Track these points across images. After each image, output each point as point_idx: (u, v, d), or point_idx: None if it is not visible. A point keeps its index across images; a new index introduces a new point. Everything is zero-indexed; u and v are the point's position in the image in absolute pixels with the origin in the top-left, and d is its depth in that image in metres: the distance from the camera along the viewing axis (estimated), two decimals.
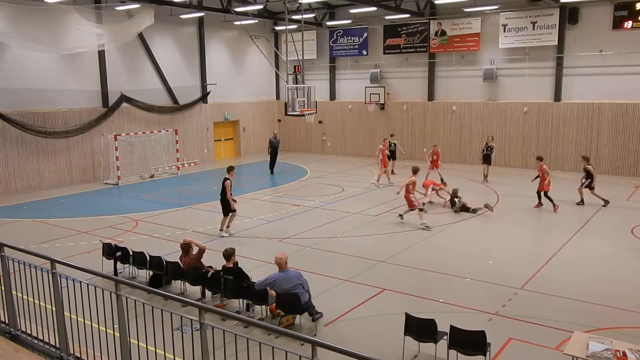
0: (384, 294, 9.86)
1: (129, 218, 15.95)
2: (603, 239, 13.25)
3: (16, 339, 6.33)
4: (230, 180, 13.77)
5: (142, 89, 24.06)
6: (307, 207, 16.96)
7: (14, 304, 6.42)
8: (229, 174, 13.90)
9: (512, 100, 23.78)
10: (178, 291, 10.04)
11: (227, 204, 13.68)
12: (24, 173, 20.28)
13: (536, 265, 11.24)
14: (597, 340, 6.39)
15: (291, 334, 4.94)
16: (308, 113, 19.92)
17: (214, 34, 27.29)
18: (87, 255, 12.17)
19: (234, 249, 9.46)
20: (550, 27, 22.05)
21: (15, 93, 19.76)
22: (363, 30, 27.31)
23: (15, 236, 13.68)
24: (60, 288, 5.87)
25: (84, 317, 6.02)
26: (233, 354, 4.86)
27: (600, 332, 7.54)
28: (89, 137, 22.05)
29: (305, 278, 8.71)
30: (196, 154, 26.79)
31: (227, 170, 14.07)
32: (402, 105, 26.86)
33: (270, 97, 31.37)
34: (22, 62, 19.81)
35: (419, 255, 12.21)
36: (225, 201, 13.67)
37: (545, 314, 8.83)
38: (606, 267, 11.28)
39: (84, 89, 22.00)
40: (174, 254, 10.87)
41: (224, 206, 13.74)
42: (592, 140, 22.01)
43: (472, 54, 24.49)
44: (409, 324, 7.37)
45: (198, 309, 4.86)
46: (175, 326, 5.58)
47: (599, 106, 21.71)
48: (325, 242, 13.30)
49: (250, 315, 8.92)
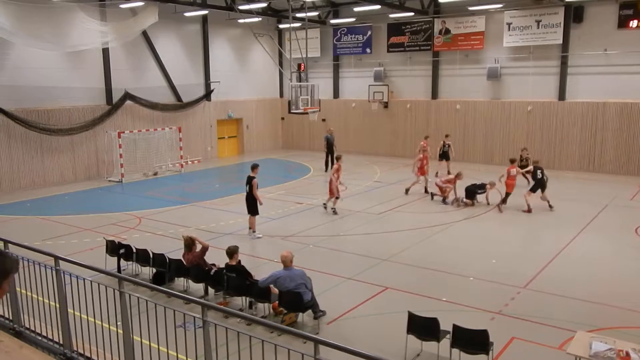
0: (387, 293, 9.86)
1: (133, 215, 15.98)
2: (607, 238, 13.22)
3: (20, 336, 6.35)
4: (256, 178, 13.33)
5: (146, 87, 24.08)
6: (310, 205, 16.97)
7: (18, 300, 6.44)
8: (253, 171, 13.38)
9: (516, 99, 23.71)
10: (181, 288, 10.06)
11: (255, 203, 13.29)
12: (28, 170, 20.34)
13: (539, 265, 11.22)
14: (600, 340, 6.38)
15: (294, 332, 4.96)
16: (312, 111, 19.91)
17: (217, 32, 27.29)
18: (91, 252, 12.21)
19: (237, 246, 9.47)
20: (555, 26, 21.96)
21: (20, 90, 19.81)
22: (367, 28, 27.26)
23: (19, 233, 13.72)
24: (64, 285, 5.89)
25: (87, 314, 6.04)
26: (235, 351, 4.87)
27: (603, 332, 7.52)
28: (92, 134, 22.09)
29: (309, 277, 8.72)
30: (200, 151, 26.80)
31: (252, 168, 13.51)
32: (406, 104, 26.82)
33: (274, 95, 31.36)
34: (27, 59, 19.85)
35: (422, 253, 12.20)
36: (254, 200, 13.26)
37: (548, 313, 8.82)
38: (610, 267, 11.26)
39: (88, 87, 22.03)
40: (177, 252, 10.90)
41: (252, 206, 13.32)
42: (597, 139, 21.93)
43: (476, 53, 24.42)
44: (412, 323, 7.37)
45: (201, 306, 4.87)
46: (178, 323, 5.60)
47: (603, 105, 21.63)
48: (328, 240, 13.31)
49: (253, 313, 8.94)
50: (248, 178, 13.39)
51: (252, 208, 13.41)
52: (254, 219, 13.56)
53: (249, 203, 13.40)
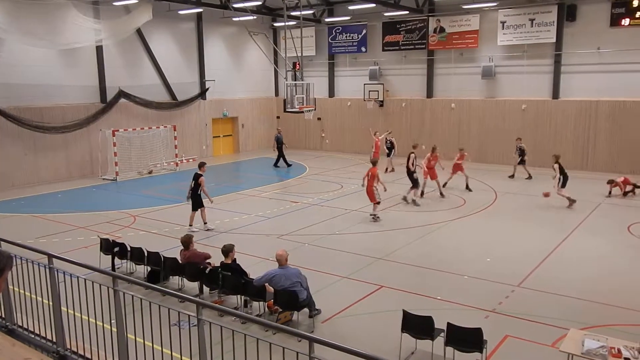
0: (382, 291, 9.88)
1: (127, 214, 15.93)
2: (600, 236, 13.28)
3: (13, 333, 6.32)
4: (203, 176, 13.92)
5: (141, 85, 24.01)
6: (306, 204, 16.97)
7: (10, 298, 6.42)
8: (201, 169, 14.02)
9: (510, 98, 23.79)
10: (176, 287, 10.04)
11: (199, 199, 13.82)
12: (22, 168, 20.23)
13: (533, 263, 11.27)
14: (593, 338, 6.42)
15: (289, 331, 4.96)
16: (307, 110, 19.92)
17: (212, 30, 27.23)
18: (85, 250, 12.17)
19: (232, 245, 9.45)
20: (549, 25, 22.05)
21: (13, 88, 19.69)
22: (362, 27, 27.26)
23: (12, 231, 13.66)
24: (57, 283, 5.86)
25: (81, 312, 6.02)
26: (230, 349, 4.87)
27: (595, 330, 7.56)
28: (87, 132, 22.00)
29: (304, 275, 8.73)
30: (195, 150, 26.76)
31: (199, 166, 14.16)
32: (401, 102, 26.85)
33: (269, 93, 31.33)
34: (20, 57, 19.73)
35: (417, 252, 12.23)
36: (197, 196, 13.81)
37: (541, 312, 8.86)
38: (603, 265, 11.32)
39: (82, 85, 21.94)
40: (172, 250, 10.88)
41: (196, 201, 13.86)
42: (590, 137, 22.04)
43: (471, 51, 24.48)
44: (407, 321, 7.39)
45: (196, 304, 4.86)
46: (173, 322, 5.59)
47: (596, 103, 21.73)
48: (324, 239, 13.31)
49: (248, 311, 8.93)
50: (195, 175, 13.96)
51: (195, 202, 13.89)
52: (204, 212, 13.98)
53: (193, 198, 13.91)
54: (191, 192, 13.92)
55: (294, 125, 30.18)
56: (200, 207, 13.89)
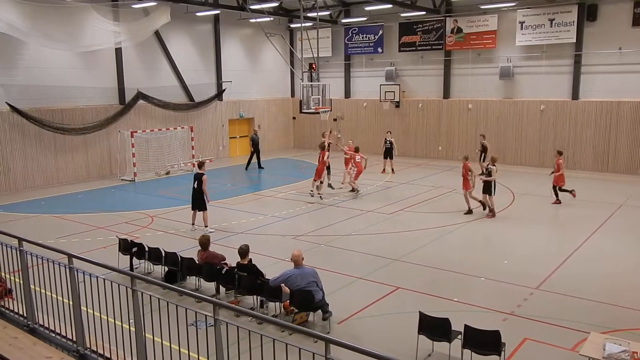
0: (398, 292, 9.84)
1: (145, 214, 16.09)
2: (621, 238, 13.07)
3: (34, 332, 6.43)
4: (205, 175, 14.00)
5: (158, 87, 24.24)
6: (322, 205, 16.97)
7: (32, 297, 6.52)
8: (201, 169, 14.10)
9: (528, 99, 23.52)
10: (193, 287, 10.11)
11: (203, 198, 13.85)
12: (42, 169, 20.56)
13: (552, 265, 11.12)
14: (614, 342, 6.31)
15: (305, 331, 4.96)
16: (323, 111, 19.91)
17: (229, 32, 27.39)
18: (104, 250, 12.31)
19: (248, 246, 9.49)
20: (569, 25, 21.75)
21: (34, 90, 20.02)
22: (378, 27, 27.20)
23: (33, 231, 13.89)
24: (77, 282, 5.94)
25: (100, 311, 6.09)
26: (247, 350, 4.88)
27: (617, 334, 7.44)
28: (105, 133, 22.28)
29: (319, 276, 8.72)
30: (211, 150, 26.93)
31: (199, 165, 14.27)
32: (418, 103, 26.72)
33: (285, 94, 31.41)
34: (41, 59, 20.06)
35: (433, 253, 12.15)
36: (201, 196, 13.83)
37: (561, 315, 8.74)
38: (623, 268, 11.12)
39: (101, 86, 22.22)
40: (189, 250, 10.96)
41: (202, 201, 13.87)
42: (611, 139, 21.69)
43: (489, 52, 24.26)
44: (423, 323, 7.34)
45: (212, 305, 4.89)
46: (190, 322, 5.63)
47: (617, 104, 21.38)
48: (339, 239, 13.30)
49: (264, 312, 8.95)
50: (197, 175, 13.98)
51: (200, 203, 13.89)
52: (206, 214, 13.96)
53: (196, 199, 13.95)
54: (195, 193, 13.97)
55: (310, 126, 30.17)
56: (203, 208, 13.92)
